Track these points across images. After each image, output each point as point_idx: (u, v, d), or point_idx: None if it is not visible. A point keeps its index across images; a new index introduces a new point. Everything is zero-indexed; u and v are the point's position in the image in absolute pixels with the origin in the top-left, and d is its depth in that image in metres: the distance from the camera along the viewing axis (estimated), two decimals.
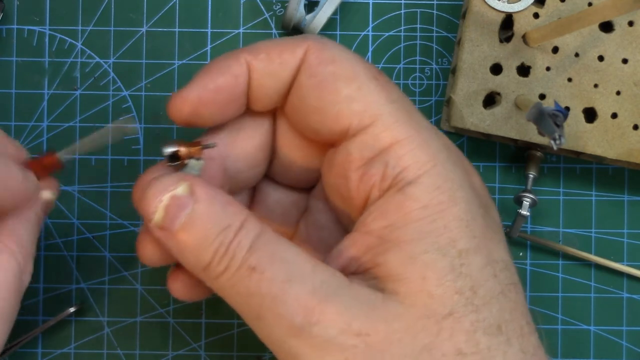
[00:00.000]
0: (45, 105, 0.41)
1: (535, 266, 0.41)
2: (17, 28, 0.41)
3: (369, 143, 0.29)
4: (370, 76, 0.30)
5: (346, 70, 0.30)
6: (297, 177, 0.34)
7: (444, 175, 0.29)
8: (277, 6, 0.41)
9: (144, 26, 0.41)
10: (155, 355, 0.41)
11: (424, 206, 0.28)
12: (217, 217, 0.28)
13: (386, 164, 0.29)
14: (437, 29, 0.41)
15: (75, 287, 0.41)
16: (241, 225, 0.28)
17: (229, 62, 0.30)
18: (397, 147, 0.29)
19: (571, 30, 0.35)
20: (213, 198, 0.29)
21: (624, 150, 0.38)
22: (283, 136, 0.33)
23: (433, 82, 0.41)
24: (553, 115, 0.32)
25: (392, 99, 0.30)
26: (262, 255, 0.28)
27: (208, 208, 0.28)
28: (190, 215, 0.28)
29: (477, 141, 0.41)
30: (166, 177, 0.29)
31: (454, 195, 0.29)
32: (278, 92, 0.31)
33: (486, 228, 0.29)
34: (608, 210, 0.41)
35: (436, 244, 0.28)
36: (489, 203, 0.32)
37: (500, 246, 0.30)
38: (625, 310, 0.41)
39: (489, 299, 0.28)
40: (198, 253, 0.28)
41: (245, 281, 0.28)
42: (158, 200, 0.29)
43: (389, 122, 0.29)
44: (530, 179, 0.40)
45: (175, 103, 0.31)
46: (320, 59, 0.30)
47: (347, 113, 0.29)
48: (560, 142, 0.31)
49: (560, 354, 0.41)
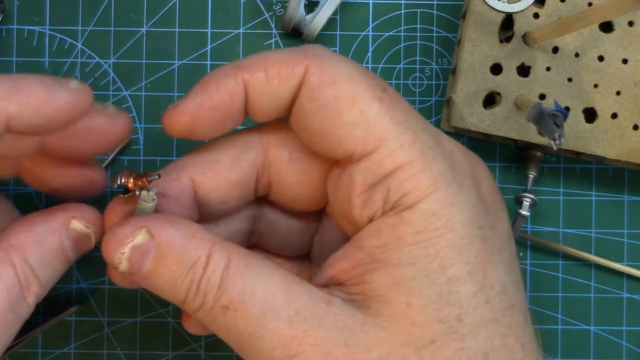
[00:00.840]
0: None
1: (535, 266, 0.41)
2: (17, 28, 0.41)
3: (373, 169, 0.29)
4: (374, 97, 0.29)
5: (348, 92, 0.29)
6: (304, 204, 0.33)
7: (443, 200, 0.28)
8: (277, 6, 0.41)
9: (144, 26, 0.41)
10: (155, 355, 0.41)
11: (418, 232, 0.28)
12: (181, 255, 0.28)
13: (388, 189, 0.29)
14: (437, 29, 0.41)
15: (75, 287, 0.41)
16: (207, 259, 0.28)
17: (225, 80, 0.30)
18: (400, 172, 0.29)
19: (571, 30, 0.35)
20: (173, 236, 0.28)
21: (624, 150, 0.38)
22: (280, 163, 0.32)
23: (433, 82, 0.41)
24: (553, 115, 0.32)
25: (397, 120, 0.29)
26: (232, 292, 0.28)
27: (171, 248, 0.28)
28: (154, 258, 0.28)
29: (477, 141, 0.41)
30: (122, 228, 0.29)
31: (451, 220, 0.28)
32: (277, 109, 0.30)
33: (485, 251, 0.29)
34: (608, 210, 0.41)
35: (425, 270, 0.28)
36: (499, 214, 0.31)
37: (500, 267, 0.29)
38: (625, 310, 0.41)
39: (477, 327, 0.28)
40: (172, 292, 0.29)
41: (221, 319, 0.28)
42: (120, 253, 0.29)
43: (393, 147, 0.29)
44: (530, 179, 0.40)
45: (170, 120, 0.30)
46: (321, 80, 0.29)
47: (350, 139, 0.29)
48: (560, 142, 0.31)
49: (560, 354, 0.41)
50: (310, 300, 0.28)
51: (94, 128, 0.30)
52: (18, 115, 0.27)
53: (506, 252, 0.30)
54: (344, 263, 0.30)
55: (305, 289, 0.28)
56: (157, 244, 0.28)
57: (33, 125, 0.28)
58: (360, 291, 0.29)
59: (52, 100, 0.28)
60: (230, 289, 0.28)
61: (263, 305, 0.28)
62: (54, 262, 0.30)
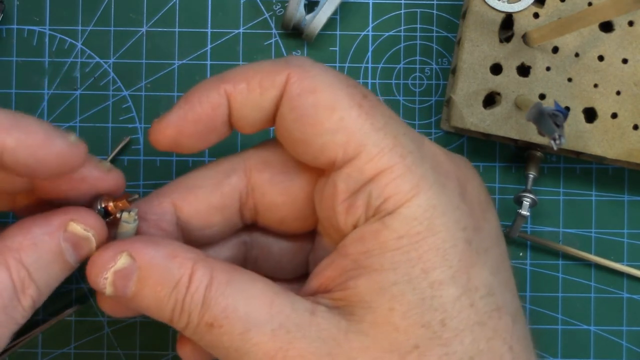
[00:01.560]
0: (45, 105, 0.41)
1: (535, 266, 0.41)
2: (17, 28, 0.41)
3: (354, 176, 0.29)
4: (354, 104, 0.29)
5: (328, 99, 0.29)
6: (292, 225, 0.33)
7: (424, 204, 0.28)
8: (277, 6, 0.41)
9: (144, 26, 0.41)
10: (155, 355, 0.41)
11: (400, 237, 0.28)
12: (163, 275, 0.29)
13: (370, 195, 0.29)
14: (437, 29, 0.41)
15: (75, 287, 0.41)
16: (190, 278, 0.29)
17: (208, 93, 0.30)
18: (380, 177, 0.29)
19: (571, 30, 0.35)
20: (154, 257, 0.29)
21: (624, 150, 0.38)
22: (263, 186, 0.32)
23: (433, 82, 0.41)
24: (553, 115, 0.32)
25: (377, 126, 0.29)
26: (215, 309, 0.28)
27: (153, 269, 0.29)
28: (138, 280, 0.29)
29: (477, 141, 0.41)
30: (103, 254, 0.29)
31: (433, 224, 0.28)
32: (261, 120, 0.30)
33: (469, 253, 0.29)
34: (608, 210, 0.41)
35: (407, 275, 0.28)
36: (486, 215, 0.31)
37: (486, 269, 0.29)
38: (625, 310, 0.41)
39: (461, 331, 0.28)
40: (158, 312, 0.29)
41: (207, 336, 0.28)
42: (103, 279, 0.29)
43: (373, 152, 0.29)
44: (530, 179, 0.40)
45: (155, 134, 0.31)
46: (301, 89, 0.29)
47: (331, 146, 0.29)
48: (560, 142, 0.31)
49: (560, 354, 0.41)
50: (294, 311, 0.28)
51: (86, 178, 0.31)
52: (12, 151, 0.27)
53: (493, 253, 0.30)
54: (330, 270, 0.30)
55: (289, 300, 0.29)
56: (139, 266, 0.29)
57: (24, 165, 0.28)
58: (344, 297, 0.29)
59: (48, 146, 0.28)
60: (213, 307, 0.28)
61: (246, 320, 0.28)
62: (52, 266, 0.30)
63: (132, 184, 0.41)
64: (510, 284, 0.31)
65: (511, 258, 0.41)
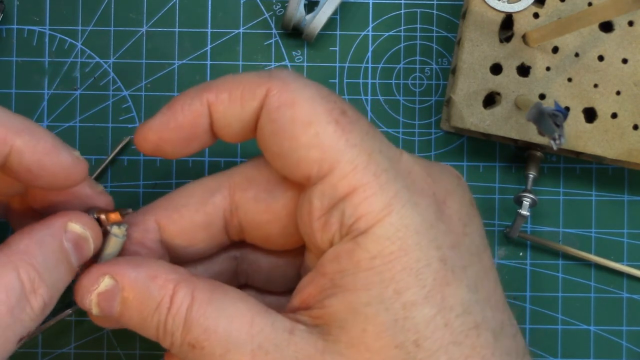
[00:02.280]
0: (46, 105, 0.41)
1: (535, 266, 0.41)
2: (17, 28, 0.41)
3: (328, 192, 0.29)
4: (331, 119, 0.29)
5: (305, 114, 0.29)
6: (278, 242, 0.33)
7: (396, 223, 0.28)
8: (277, 6, 0.41)
9: (144, 26, 0.41)
10: (155, 355, 0.41)
11: (373, 257, 0.28)
12: (145, 297, 0.29)
13: (343, 213, 0.29)
14: (437, 29, 0.41)
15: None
16: (171, 299, 0.29)
17: (190, 101, 0.30)
18: (353, 195, 0.29)
19: (571, 30, 0.35)
20: (136, 279, 0.30)
21: (624, 150, 0.38)
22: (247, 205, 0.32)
23: (433, 82, 0.41)
24: (553, 115, 0.32)
25: (352, 143, 0.29)
26: (196, 330, 0.29)
27: (134, 291, 0.30)
28: (121, 302, 0.30)
29: (477, 141, 0.41)
30: (87, 277, 0.30)
31: (406, 243, 0.28)
32: (243, 130, 0.31)
33: (444, 272, 0.29)
34: (608, 210, 0.41)
35: (380, 296, 0.28)
36: (466, 229, 0.31)
37: (462, 287, 0.29)
38: (625, 310, 0.41)
39: (435, 351, 0.28)
40: (144, 331, 0.30)
41: (190, 355, 0.29)
42: (89, 301, 0.30)
43: (346, 169, 0.29)
44: (530, 179, 0.40)
45: (139, 138, 0.31)
46: (280, 102, 0.29)
47: (307, 161, 0.29)
48: (560, 142, 0.31)
49: (560, 354, 0.41)
50: (274, 331, 0.29)
51: (79, 194, 0.32)
52: (19, 154, 0.28)
53: (473, 270, 0.30)
54: (310, 288, 0.30)
55: (269, 320, 0.29)
56: (121, 288, 0.30)
57: (27, 169, 0.29)
58: (322, 315, 0.29)
59: (54, 155, 0.29)
60: (195, 328, 0.29)
61: (227, 341, 0.29)
62: (59, 267, 0.30)
63: (132, 183, 0.41)
64: (494, 299, 0.30)
65: (511, 258, 0.41)
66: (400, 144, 0.41)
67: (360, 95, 0.41)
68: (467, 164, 0.41)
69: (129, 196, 0.41)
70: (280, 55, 0.41)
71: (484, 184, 0.41)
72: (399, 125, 0.41)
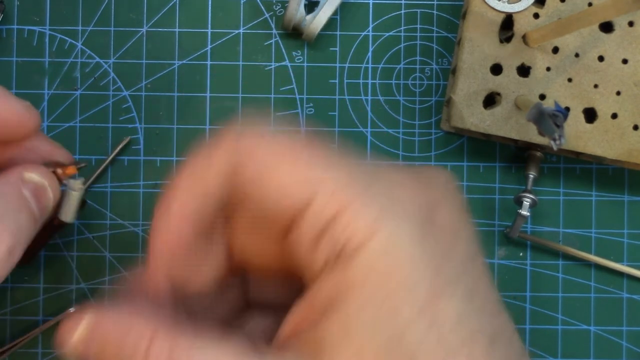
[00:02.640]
0: (46, 105, 0.41)
1: (535, 266, 0.41)
2: (17, 28, 0.41)
3: (313, 220, 0.29)
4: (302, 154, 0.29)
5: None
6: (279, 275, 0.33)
7: (385, 241, 0.28)
8: (277, 6, 0.41)
9: (144, 26, 0.41)
10: None
11: (364, 278, 0.28)
12: (119, 350, 0.29)
13: (331, 237, 0.28)
14: (437, 29, 0.41)
15: (75, 287, 0.41)
16: (147, 349, 0.29)
17: None
18: (338, 218, 0.28)
19: (571, 30, 0.35)
20: (109, 332, 0.29)
21: (624, 150, 0.38)
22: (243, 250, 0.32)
23: (433, 82, 0.41)
24: (553, 116, 0.32)
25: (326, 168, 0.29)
26: None
27: (107, 345, 0.29)
28: (98, 352, 0.29)
29: (477, 141, 0.41)
30: (65, 324, 0.30)
31: (397, 260, 0.28)
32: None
33: (435, 286, 0.28)
34: (608, 210, 0.41)
35: (373, 317, 0.28)
36: (457, 239, 0.30)
37: (455, 298, 0.29)
38: (625, 310, 0.41)
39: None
40: None
41: None
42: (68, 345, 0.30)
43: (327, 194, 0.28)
44: (530, 179, 0.40)
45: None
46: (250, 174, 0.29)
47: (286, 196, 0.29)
48: (560, 143, 0.31)
49: (560, 354, 0.41)
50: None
51: (36, 148, 0.33)
52: None
53: (465, 279, 0.30)
54: (304, 313, 0.30)
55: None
56: (96, 338, 0.29)
57: None
58: (314, 340, 0.29)
59: (4, 102, 0.30)
60: None
61: None
62: (20, 214, 0.31)
63: (132, 183, 0.41)
64: (489, 305, 0.30)
65: (511, 258, 0.41)
66: (401, 144, 0.41)
67: (361, 95, 0.41)
68: (467, 164, 0.41)
69: (129, 196, 0.41)
70: (281, 56, 0.41)
71: (484, 184, 0.41)
72: (399, 125, 0.41)
